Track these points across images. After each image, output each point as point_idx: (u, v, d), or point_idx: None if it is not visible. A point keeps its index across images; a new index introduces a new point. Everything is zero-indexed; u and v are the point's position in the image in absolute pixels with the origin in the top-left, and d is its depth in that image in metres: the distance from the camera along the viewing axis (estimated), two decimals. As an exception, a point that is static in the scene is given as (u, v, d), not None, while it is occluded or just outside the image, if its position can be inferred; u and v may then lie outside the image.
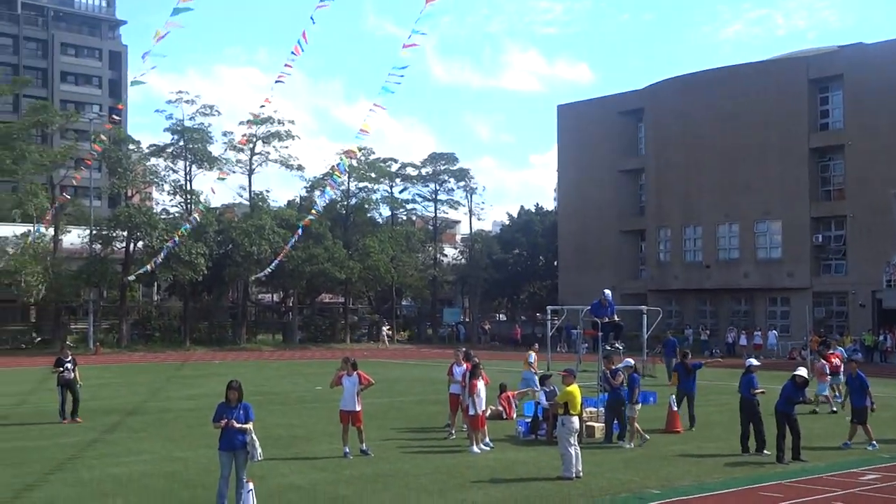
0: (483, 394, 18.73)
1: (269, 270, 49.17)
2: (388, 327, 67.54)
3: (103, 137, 44.61)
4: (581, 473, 15.57)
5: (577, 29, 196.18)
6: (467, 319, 77.46)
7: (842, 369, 25.90)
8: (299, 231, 43.86)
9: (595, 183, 66.75)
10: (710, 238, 58.91)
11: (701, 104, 58.90)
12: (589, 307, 23.00)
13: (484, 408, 18.80)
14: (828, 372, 26.11)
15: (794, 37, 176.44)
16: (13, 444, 18.83)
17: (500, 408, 23.37)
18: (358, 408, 17.49)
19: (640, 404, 19.91)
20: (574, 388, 16.54)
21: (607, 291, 23.06)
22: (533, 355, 25.41)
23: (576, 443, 15.94)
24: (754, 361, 19.36)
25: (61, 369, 22.25)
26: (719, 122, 57.84)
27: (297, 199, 71.36)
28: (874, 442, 18.98)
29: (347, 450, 17.38)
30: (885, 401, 26.43)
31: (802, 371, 18.27)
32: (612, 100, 67.78)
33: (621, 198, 66.47)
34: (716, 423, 22.79)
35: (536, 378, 23.01)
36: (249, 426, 13.02)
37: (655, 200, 62.58)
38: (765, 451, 17.95)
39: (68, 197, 47.86)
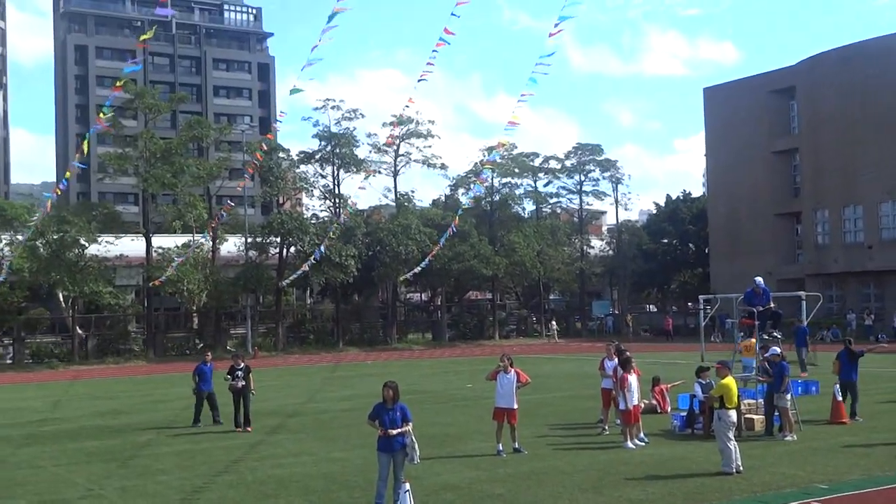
0: (635, 388, 18.39)
1: (418, 270, 49.78)
2: (555, 323, 67.26)
3: (265, 147, 45.94)
4: (742, 468, 15.06)
5: (720, 8, 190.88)
6: (616, 311, 76.42)
7: None
8: (452, 228, 44.16)
9: (746, 166, 64.80)
10: (873, 217, 56.14)
11: (859, 77, 56.15)
12: (743, 296, 22.26)
13: (636, 402, 18.45)
14: None
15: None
16: (180, 448, 19.69)
17: (654, 402, 22.90)
18: (515, 405, 17.45)
19: (790, 394, 19.09)
20: (729, 381, 16.02)
21: (759, 279, 22.19)
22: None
23: (734, 437, 15.45)
24: None
25: (230, 379, 22.08)
26: (880, 95, 55.02)
27: (442, 198, 72.08)
28: None
29: (501, 447, 17.35)
30: None
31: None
32: (761, 79, 65.65)
33: (774, 180, 64.24)
34: (883, 413, 21.69)
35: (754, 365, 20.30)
36: (408, 428, 12.99)
37: (811, 181, 60.09)
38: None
39: (232, 204, 49.53)
